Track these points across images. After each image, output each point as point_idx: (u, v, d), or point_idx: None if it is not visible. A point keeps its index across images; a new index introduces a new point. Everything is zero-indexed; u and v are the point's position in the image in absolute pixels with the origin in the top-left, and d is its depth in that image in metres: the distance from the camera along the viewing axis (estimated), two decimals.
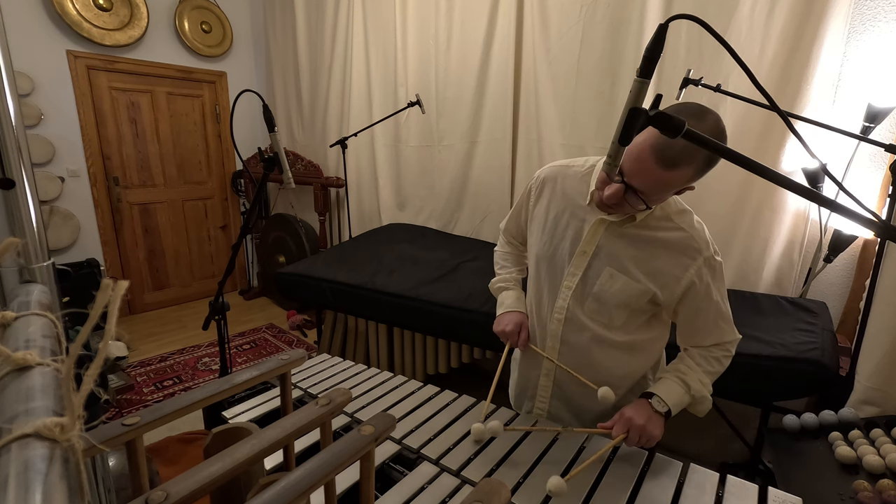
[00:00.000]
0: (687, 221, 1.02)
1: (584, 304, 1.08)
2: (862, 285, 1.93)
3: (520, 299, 1.26)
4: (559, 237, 1.11)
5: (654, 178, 0.88)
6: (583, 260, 1.07)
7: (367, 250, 2.85)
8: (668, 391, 1.02)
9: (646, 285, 1.02)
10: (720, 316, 1.04)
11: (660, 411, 0.99)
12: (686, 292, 1.01)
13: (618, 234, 1.04)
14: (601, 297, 1.06)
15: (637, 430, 0.97)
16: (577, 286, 1.08)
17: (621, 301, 1.04)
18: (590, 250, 1.06)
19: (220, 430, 0.69)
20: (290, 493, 0.47)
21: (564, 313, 1.10)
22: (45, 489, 0.25)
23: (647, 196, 0.91)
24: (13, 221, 0.61)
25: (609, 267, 1.04)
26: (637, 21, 2.29)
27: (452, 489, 0.91)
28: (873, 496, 1.03)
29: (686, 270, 1.00)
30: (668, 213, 1.02)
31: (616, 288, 1.04)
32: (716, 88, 1.74)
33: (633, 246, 1.03)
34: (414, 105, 2.79)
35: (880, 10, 1.86)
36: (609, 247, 1.05)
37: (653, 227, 1.02)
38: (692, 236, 1.00)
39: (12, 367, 0.35)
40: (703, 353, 1.06)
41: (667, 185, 0.89)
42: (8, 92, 0.58)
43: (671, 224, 1.02)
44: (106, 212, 3.73)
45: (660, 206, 1.02)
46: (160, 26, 3.79)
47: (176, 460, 1.76)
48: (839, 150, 1.93)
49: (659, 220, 1.02)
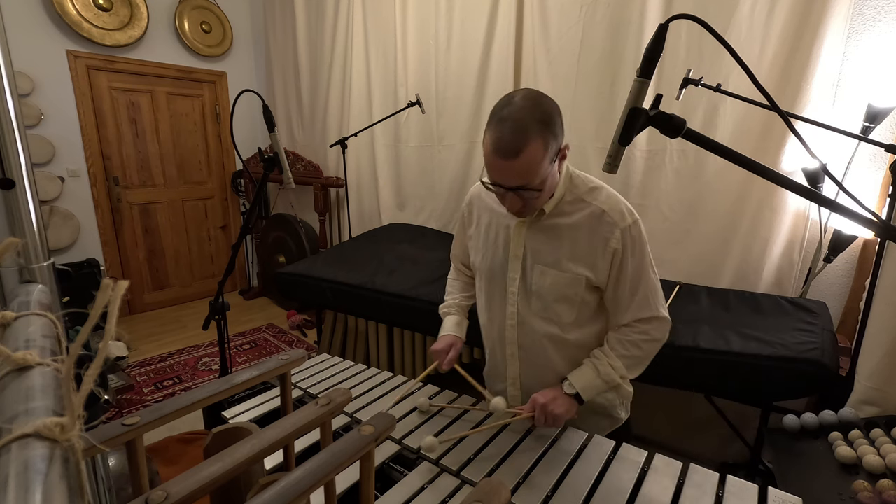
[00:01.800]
0: (599, 198, 1.03)
1: (530, 304, 1.11)
2: (862, 285, 1.93)
3: (459, 324, 1.28)
4: (493, 247, 1.15)
5: (515, 170, 0.91)
6: (517, 263, 1.10)
7: (367, 250, 2.84)
8: (578, 375, 1.06)
9: (574, 273, 1.04)
10: (638, 288, 1.03)
11: (569, 393, 1.04)
12: (611, 268, 1.03)
13: (537, 230, 1.07)
14: (540, 295, 1.08)
15: (540, 408, 1.03)
16: (519, 289, 1.11)
17: (559, 295, 1.06)
18: (520, 253, 1.09)
19: (220, 430, 0.69)
20: (290, 493, 0.47)
21: (516, 318, 1.13)
22: (45, 489, 0.25)
23: (529, 184, 0.93)
24: (13, 221, 0.61)
25: (538, 264, 1.07)
26: (637, 21, 2.29)
27: (452, 489, 0.91)
28: (873, 496, 1.03)
29: (606, 245, 1.01)
30: (578, 196, 1.04)
31: (549, 283, 1.06)
32: (716, 88, 1.74)
33: (554, 237, 1.05)
34: (414, 105, 2.79)
35: (880, 10, 1.86)
36: (533, 245, 1.08)
37: (567, 213, 1.04)
38: (605, 211, 1.01)
39: (12, 367, 0.35)
40: (619, 337, 1.07)
41: (529, 167, 0.91)
42: (8, 92, 0.58)
43: (584, 204, 1.03)
44: (106, 212, 3.73)
45: (569, 190, 1.04)
46: (160, 26, 3.80)
47: (176, 460, 1.76)
48: (839, 150, 1.93)
49: (572, 205, 1.04)
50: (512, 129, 0.88)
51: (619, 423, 1.23)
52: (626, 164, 2.40)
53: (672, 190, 2.35)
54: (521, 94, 0.93)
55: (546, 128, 0.90)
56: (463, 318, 1.31)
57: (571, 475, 0.94)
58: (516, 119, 0.89)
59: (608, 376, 1.05)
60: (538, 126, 0.89)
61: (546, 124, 0.90)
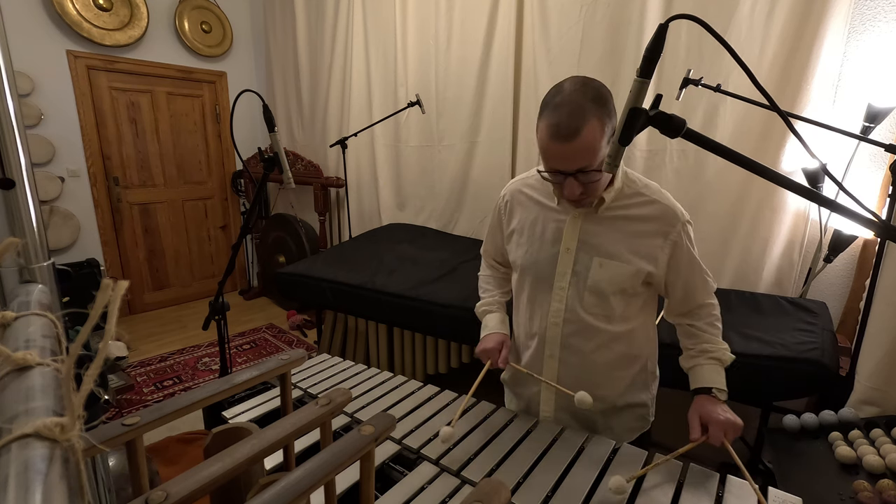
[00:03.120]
0: (657, 192, 1.05)
1: (582, 300, 1.07)
2: (862, 285, 1.93)
3: (503, 322, 1.24)
4: (539, 242, 1.12)
5: (576, 151, 0.91)
6: (569, 257, 1.07)
7: (367, 250, 2.85)
8: (715, 378, 1.05)
9: (636, 265, 1.03)
10: (702, 274, 1.08)
11: (723, 400, 1.03)
12: (670, 260, 1.03)
13: (595, 223, 1.05)
14: (597, 289, 1.06)
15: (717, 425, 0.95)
16: (570, 285, 1.08)
17: (617, 287, 1.05)
18: (573, 246, 1.07)
19: (220, 430, 0.69)
20: (290, 493, 0.47)
21: (563, 314, 1.09)
22: (45, 489, 0.25)
23: (590, 165, 0.93)
24: (13, 221, 0.61)
25: (597, 257, 1.05)
26: (637, 21, 2.29)
27: (452, 489, 0.91)
28: (873, 496, 1.03)
29: (667, 238, 1.02)
30: (636, 189, 1.05)
31: (609, 275, 1.04)
32: (716, 88, 1.74)
33: (614, 229, 1.04)
34: (414, 105, 2.79)
35: (880, 10, 1.86)
36: (591, 237, 1.06)
37: (626, 206, 1.04)
38: (667, 205, 1.03)
39: (12, 367, 0.35)
40: (706, 322, 1.09)
41: (589, 147, 0.91)
42: (8, 92, 0.58)
43: (643, 198, 1.04)
44: (106, 212, 3.73)
45: (625, 183, 1.05)
46: (160, 26, 3.79)
47: (176, 460, 1.76)
48: (839, 150, 1.93)
49: (630, 198, 1.04)
50: (569, 112, 0.89)
51: (647, 425, 1.21)
52: (626, 164, 2.37)
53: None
54: (570, 80, 0.94)
55: (601, 107, 0.91)
56: (505, 316, 1.27)
57: (571, 475, 0.94)
58: (570, 102, 0.90)
59: (728, 359, 1.07)
60: (593, 105, 0.90)
61: (600, 103, 0.91)
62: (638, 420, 1.19)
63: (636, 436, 1.18)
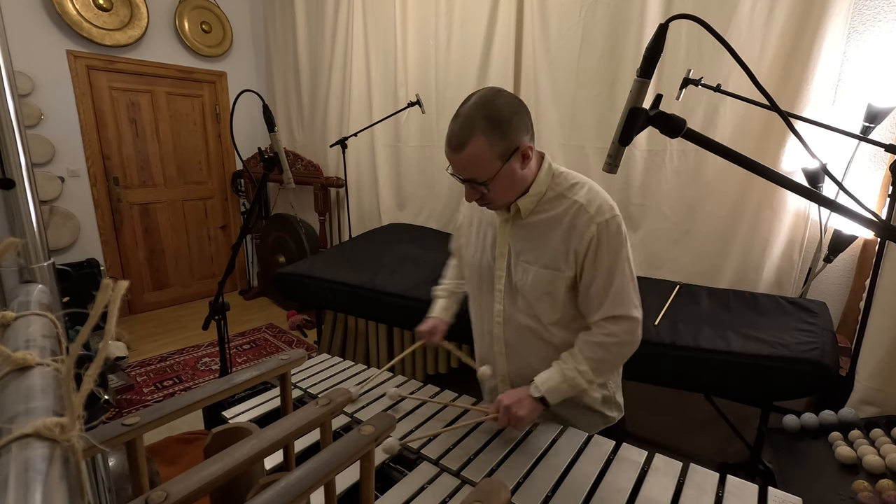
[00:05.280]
0: (579, 193, 1.03)
1: (516, 302, 1.11)
2: (862, 285, 1.93)
3: (445, 308, 1.34)
4: (482, 245, 1.16)
5: (461, 163, 0.97)
6: (502, 261, 1.11)
7: (367, 250, 2.84)
8: (546, 377, 1.04)
9: (553, 270, 1.04)
10: (612, 284, 1.00)
11: (534, 396, 1.03)
12: (584, 259, 1.02)
13: (521, 227, 1.08)
14: (524, 293, 1.09)
15: (503, 410, 1.02)
16: (505, 287, 1.12)
17: (540, 292, 1.07)
18: (505, 251, 1.10)
19: (220, 430, 0.69)
20: (290, 493, 0.47)
21: (502, 315, 1.14)
22: (45, 489, 0.25)
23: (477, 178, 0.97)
24: (13, 221, 0.61)
25: (521, 262, 1.07)
26: (637, 21, 2.29)
27: (452, 489, 0.91)
28: (873, 496, 1.03)
29: (581, 238, 1.01)
30: (560, 192, 1.05)
31: (531, 280, 1.06)
32: (716, 88, 1.74)
33: (536, 234, 1.06)
34: (414, 105, 2.79)
35: (880, 10, 1.86)
36: (516, 242, 1.08)
37: (547, 210, 1.05)
38: (582, 205, 1.01)
39: (12, 367, 0.35)
40: (587, 338, 1.05)
41: (473, 162, 0.95)
42: (8, 92, 0.58)
43: (563, 199, 1.04)
44: (106, 212, 3.73)
45: (551, 187, 1.05)
46: (160, 26, 3.79)
47: (176, 460, 1.76)
48: (839, 150, 1.93)
49: (552, 201, 1.05)
50: (460, 125, 0.94)
51: (611, 421, 1.22)
52: (626, 164, 2.40)
53: (672, 190, 2.35)
54: (480, 92, 0.97)
55: (492, 127, 0.93)
56: (451, 304, 1.36)
57: (571, 475, 0.94)
58: (465, 115, 0.94)
59: (573, 381, 1.02)
60: (484, 124, 0.92)
61: (493, 123, 0.93)
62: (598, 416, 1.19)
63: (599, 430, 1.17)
